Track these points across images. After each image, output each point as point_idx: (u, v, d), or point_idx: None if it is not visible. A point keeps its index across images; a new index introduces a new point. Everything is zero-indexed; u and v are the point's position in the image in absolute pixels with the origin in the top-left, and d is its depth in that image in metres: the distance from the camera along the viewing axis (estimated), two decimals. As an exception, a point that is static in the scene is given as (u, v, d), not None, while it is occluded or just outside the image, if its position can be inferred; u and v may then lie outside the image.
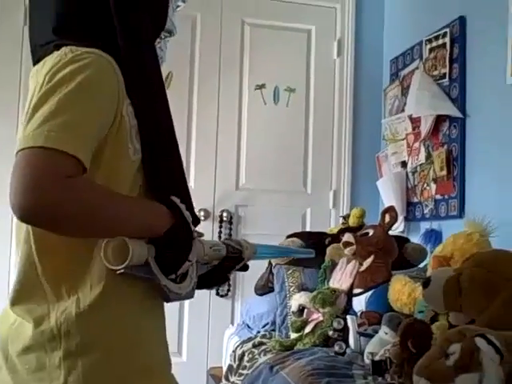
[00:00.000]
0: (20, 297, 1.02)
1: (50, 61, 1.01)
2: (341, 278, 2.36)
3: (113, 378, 0.99)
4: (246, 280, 3.28)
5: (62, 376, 0.97)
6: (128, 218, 0.99)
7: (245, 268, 1.20)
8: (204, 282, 1.14)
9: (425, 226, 3.05)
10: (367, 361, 1.91)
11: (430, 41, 3.09)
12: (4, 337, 1.05)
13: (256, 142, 3.50)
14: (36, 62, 1.09)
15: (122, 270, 0.96)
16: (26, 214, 0.88)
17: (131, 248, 0.95)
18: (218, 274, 1.16)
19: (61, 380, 0.96)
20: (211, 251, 1.11)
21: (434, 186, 3.00)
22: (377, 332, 2.04)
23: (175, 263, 1.03)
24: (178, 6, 1.24)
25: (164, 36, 1.20)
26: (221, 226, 3.39)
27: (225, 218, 3.40)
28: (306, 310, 2.35)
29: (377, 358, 1.85)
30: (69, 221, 0.91)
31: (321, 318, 2.26)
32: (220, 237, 3.33)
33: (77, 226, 0.93)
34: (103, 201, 0.95)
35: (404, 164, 3.26)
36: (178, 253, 1.03)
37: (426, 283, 1.66)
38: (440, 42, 3.03)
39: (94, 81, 0.97)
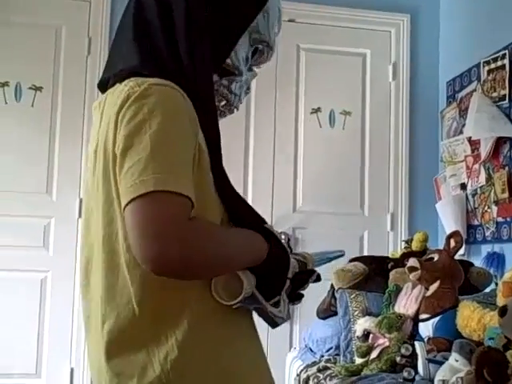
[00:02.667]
0: (119, 347, 0.96)
1: (114, 96, 0.98)
2: (406, 303, 2.35)
3: None
4: (304, 303, 3.27)
5: None
6: (241, 253, 0.98)
7: (319, 279, 1.16)
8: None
9: (486, 248, 3.02)
10: (438, 388, 1.90)
11: (488, 62, 3.08)
12: None
13: (312, 165, 3.53)
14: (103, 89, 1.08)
15: (239, 304, 0.95)
16: (162, 264, 0.85)
17: (245, 281, 0.94)
18: (297, 289, 1.12)
19: None
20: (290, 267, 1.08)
21: (495, 209, 2.97)
22: (446, 359, 2.02)
23: (278, 286, 1.02)
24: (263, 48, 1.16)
25: (227, 75, 1.10)
26: (279, 249, 3.41)
27: (282, 241, 3.40)
28: (371, 335, 2.34)
29: (449, 385, 1.84)
30: (199, 265, 0.89)
31: (387, 344, 2.25)
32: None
33: (205, 268, 0.91)
34: (222, 239, 0.95)
35: (463, 186, 3.24)
36: (280, 274, 1.02)
37: (502, 312, 1.64)
38: (499, 63, 3.01)
39: (174, 112, 0.93)
